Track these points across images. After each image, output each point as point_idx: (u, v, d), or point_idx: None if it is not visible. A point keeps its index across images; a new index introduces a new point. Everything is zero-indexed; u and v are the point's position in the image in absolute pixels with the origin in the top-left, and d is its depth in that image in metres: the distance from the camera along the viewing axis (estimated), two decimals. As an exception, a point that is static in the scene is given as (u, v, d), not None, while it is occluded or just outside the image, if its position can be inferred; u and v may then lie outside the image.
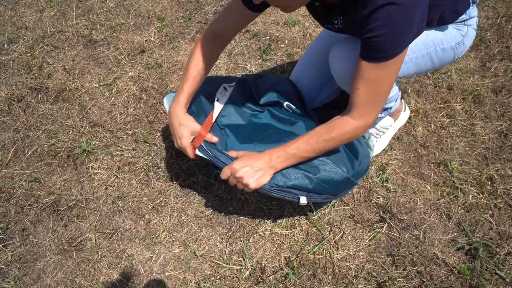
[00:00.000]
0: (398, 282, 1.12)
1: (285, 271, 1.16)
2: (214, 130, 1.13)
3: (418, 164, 1.39)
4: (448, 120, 1.50)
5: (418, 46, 1.07)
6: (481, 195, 1.29)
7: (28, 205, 1.37)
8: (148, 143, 1.51)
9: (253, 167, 0.98)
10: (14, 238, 1.30)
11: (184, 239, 1.26)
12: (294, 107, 1.22)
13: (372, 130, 1.38)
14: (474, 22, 1.10)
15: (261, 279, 1.15)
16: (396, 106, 1.28)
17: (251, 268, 1.18)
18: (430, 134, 1.46)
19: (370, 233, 1.23)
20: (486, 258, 1.14)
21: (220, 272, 1.18)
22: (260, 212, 1.31)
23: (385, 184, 1.33)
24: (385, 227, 1.24)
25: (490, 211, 1.25)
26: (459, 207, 1.26)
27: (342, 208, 1.30)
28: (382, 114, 1.30)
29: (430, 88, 1.61)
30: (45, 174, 1.45)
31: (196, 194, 1.37)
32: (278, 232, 1.26)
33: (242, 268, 1.19)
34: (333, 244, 1.22)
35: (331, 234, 1.23)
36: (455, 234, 1.21)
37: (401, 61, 0.88)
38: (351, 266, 1.17)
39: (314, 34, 1.88)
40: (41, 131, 1.59)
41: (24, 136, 1.58)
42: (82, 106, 1.66)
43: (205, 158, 1.07)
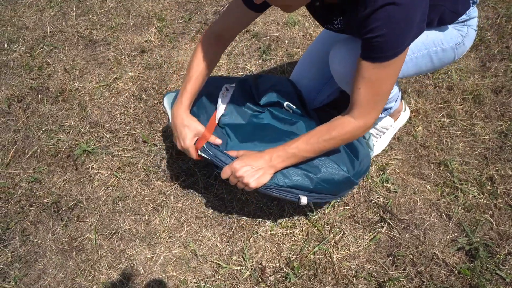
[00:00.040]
0: (398, 282, 1.12)
1: (285, 271, 1.16)
2: (215, 129, 1.13)
3: (418, 164, 1.39)
4: (448, 120, 1.50)
5: (418, 46, 1.07)
6: (481, 195, 1.29)
7: (28, 205, 1.37)
8: (148, 144, 1.51)
9: (253, 167, 0.98)
10: (14, 239, 1.30)
11: (184, 240, 1.26)
12: (294, 107, 1.22)
13: (372, 130, 1.38)
14: (474, 22, 1.10)
15: (261, 279, 1.15)
16: (396, 106, 1.28)
17: (251, 268, 1.18)
18: (430, 134, 1.46)
19: (371, 233, 1.23)
20: (487, 258, 1.14)
21: (220, 272, 1.18)
22: (260, 212, 1.31)
23: (385, 184, 1.33)
24: (385, 227, 1.24)
25: (490, 211, 1.25)
26: (459, 207, 1.26)
27: (342, 208, 1.30)
28: (382, 114, 1.30)
29: (430, 88, 1.61)
30: (45, 175, 1.46)
31: (196, 194, 1.37)
32: (279, 232, 1.26)
33: (242, 268, 1.19)
34: (333, 244, 1.22)
35: (332, 234, 1.23)
36: (456, 234, 1.21)
37: (401, 61, 0.88)
38: (352, 266, 1.17)
39: (314, 34, 1.88)
40: (41, 132, 1.59)
41: (24, 136, 1.58)
42: (82, 106, 1.66)
43: (206, 158, 1.07)
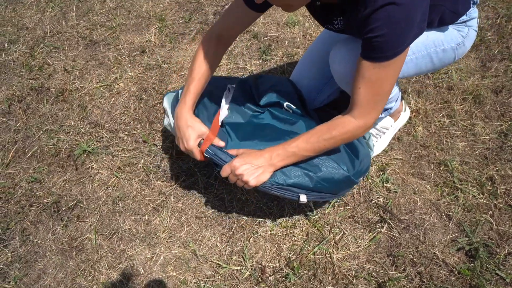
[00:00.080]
0: (398, 283, 1.12)
1: (285, 272, 1.16)
2: (210, 122, 1.13)
3: (418, 164, 1.39)
4: (448, 120, 1.50)
5: (418, 46, 1.07)
6: (481, 196, 1.29)
7: (28, 205, 1.37)
8: (148, 144, 1.51)
9: (253, 165, 0.98)
10: (14, 239, 1.30)
11: (184, 240, 1.26)
12: (294, 107, 1.22)
13: (372, 131, 1.38)
14: (474, 23, 1.10)
15: (261, 280, 1.15)
16: (396, 106, 1.28)
17: (251, 268, 1.18)
18: (430, 135, 1.46)
19: (370, 233, 1.23)
20: (486, 259, 1.14)
21: (220, 272, 1.18)
22: (260, 212, 1.31)
23: (385, 184, 1.33)
24: (385, 228, 1.24)
25: (490, 212, 1.25)
26: (459, 208, 1.26)
27: (342, 208, 1.30)
28: (382, 115, 1.30)
29: (431, 88, 1.61)
30: (45, 175, 1.46)
31: (196, 194, 1.37)
32: (278, 232, 1.26)
33: (242, 268, 1.19)
34: (333, 244, 1.22)
35: (331, 235, 1.23)
36: (455, 234, 1.21)
37: (402, 61, 0.88)
38: (351, 267, 1.17)
39: (314, 34, 1.88)
40: (41, 132, 1.59)
41: (24, 136, 1.58)
42: (82, 106, 1.67)
43: (208, 157, 1.07)
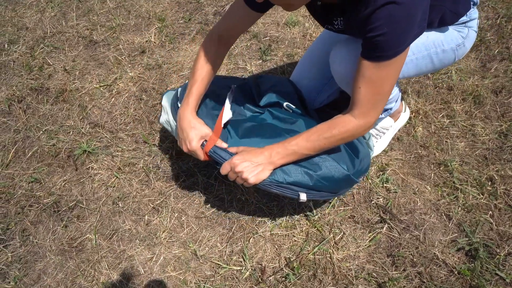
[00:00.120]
0: (398, 283, 1.12)
1: (285, 272, 1.17)
2: (214, 123, 1.13)
3: (418, 164, 1.39)
4: (448, 120, 1.50)
5: (418, 47, 1.07)
6: (481, 196, 1.29)
7: (28, 205, 1.37)
8: (148, 144, 1.51)
9: (253, 162, 0.98)
10: (14, 239, 1.30)
11: (184, 240, 1.26)
12: (294, 107, 1.22)
13: (372, 131, 1.38)
14: (474, 24, 1.10)
15: (261, 280, 1.15)
16: (396, 107, 1.28)
17: (251, 268, 1.18)
18: (430, 135, 1.46)
19: (370, 233, 1.23)
20: (486, 259, 1.14)
21: (220, 272, 1.18)
22: (260, 212, 1.31)
23: (385, 184, 1.33)
24: (385, 228, 1.24)
25: (490, 212, 1.25)
26: (459, 208, 1.26)
27: (342, 208, 1.30)
28: (382, 115, 1.30)
29: (430, 88, 1.61)
30: (45, 175, 1.46)
31: (196, 194, 1.37)
32: (278, 232, 1.26)
33: (242, 268, 1.19)
34: (333, 244, 1.22)
35: (331, 235, 1.23)
36: (455, 234, 1.21)
37: (402, 60, 0.88)
38: (351, 267, 1.17)
39: (314, 34, 1.88)
40: (41, 132, 1.59)
41: (24, 136, 1.58)
42: (82, 106, 1.67)
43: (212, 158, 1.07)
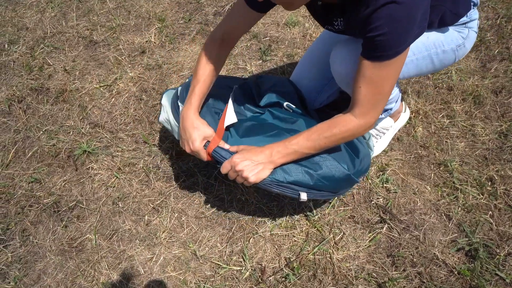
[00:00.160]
0: (398, 283, 1.12)
1: (285, 272, 1.17)
2: (215, 123, 1.13)
3: (418, 164, 1.39)
4: (448, 120, 1.50)
5: (419, 47, 1.07)
6: (481, 196, 1.29)
7: (28, 205, 1.37)
8: (148, 144, 1.51)
9: (253, 161, 0.98)
10: (14, 239, 1.30)
11: (184, 240, 1.26)
12: (294, 107, 1.22)
13: (372, 131, 1.38)
14: (475, 24, 1.10)
15: (261, 280, 1.15)
16: (396, 107, 1.28)
17: (251, 268, 1.18)
18: (430, 135, 1.46)
19: (370, 233, 1.23)
20: (486, 259, 1.14)
21: (220, 272, 1.18)
22: (260, 213, 1.31)
23: (385, 184, 1.33)
24: (385, 228, 1.24)
25: (490, 212, 1.25)
26: (459, 208, 1.27)
27: (342, 209, 1.30)
28: (382, 115, 1.30)
29: (430, 89, 1.61)
30: (45, 175, 1.46)
31: (196, 194, 1.37)
32: (278, 233, 1.26)
33: (242, 268, 1.19)
34: (333, 244, 1.22)
35: (331, 235, 1.23)
36: (455, 234, 1.21)
37: (402, 60, 0.88)
38: (351, 267, 1.17)
39: (314, 35, 1.88)
40: (41, 132, 1.59)
41: (24, 137, 1.58)
42: (82, 107, 1.67)
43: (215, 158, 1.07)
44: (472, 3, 1.06)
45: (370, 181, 1.35)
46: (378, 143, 1.39)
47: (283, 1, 0.84)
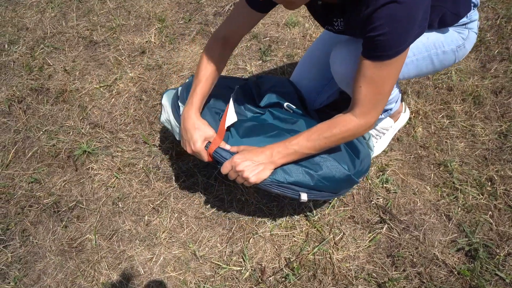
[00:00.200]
0: (398, 283, 1.12)
1: (285, 272, 1.17)
2: (216, 123, 1.13)
3: (418, 165, 1.39)
4: (448, 121, 1.50)
5: (419, 48, 1.07)
6: (481, 196, 1.29)
7: (28, 206, 1.37)
8: (148, 144, 1.51)
9: (253, 161, 0.98)
10: (14, 239, 1.30)
11: (184, 240, 1.26)
12: (294, 107, 1.22)
13: (372, 131, 1.38)
14: (475, 25, 1.11)
15: (261, 280, 1.16)
16: (396, 107, 1.28)
17: (251, 269, 1.18)
18: (430, 135, 1.47)
19: (370, 234, 1.24)
20: (486, 259, 1.14)
21: (220, 273, 1.18)
22: (260, 213, 1.31)
23: (385, 185, 1.33)
24: (385, 228, 1.24)
25: (490, 212, 1.25)
26: (459, 208, 1.27)
27: (342, 209, 1.30)
28: (382, 115, 1.30)
29: (430, 89, 1.61)
30: (45, 175, 1.46)
31: (196, 195, 1.37)
32: (278, 233, 1.26)
33: (242, 269, 1.19)
34: (333, 245, 1.22)
35: (331, 235, 1.23)
36: (455, 235, 1.21)
37: (402, 60, 0.88)
38: (351, 267, 1.17)
39: (314, 35, 1.88)
40: (41, 132, 1.59)
41: (24, 137, 1.58)
42: (82, 107, 1.67)
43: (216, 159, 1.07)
44: (472, 4, 1.06)
45: (370, 181, 1.35)
46: (378, 144, 1.39)
47: None
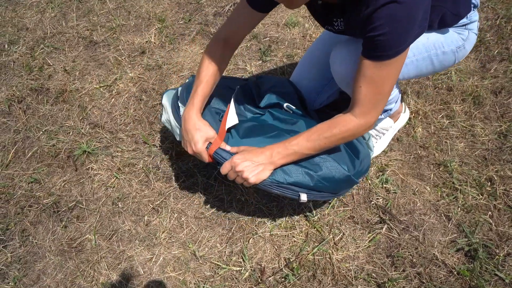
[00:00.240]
0: (397, 283, 1.12)
1: (284, 272, 1.17)
2: (216, 123, 1.13)
3: (417, 165, 1.39)
4: (447, 121, 1.50)
5: (419, 48, 1.08)
6: (480, 196, 1.29)
7: (28, 206, 1.37)
8: (148, 144, 1.51)
9: (253, 162, 0.98)
10: (14, 239, 1.30)
11: (184, 240, 1.26)
12: (294, 108, 1.22)
13: (372, 131, 1.38)
14: (475, 26, 1.11)
15: (260, 280, 1.16)
16: (396, 107, 1.28)
17: (251, 269, 1.18)
18: (429, 135, 1.47)
19: (370, 234, 1.24)
20: (486, 259, 1.14)
21: (219, 273, 1.18)
22: (260, 213, 1.31)
23: (384, 185, 1.33)
24: (384, 228, 1.24)
25: (490, 212, 1.25)
26: (459, 208, 1.27)
27: (341, 209, 1.30)
28: (382, 116, 1.30)
29: (430, 89, 1.61)
30: (45, 175, 1.46)
31: (196, 195, 1.37)
32: (278, 233, 1.26)
33: (241, 269, 1.19)
34: (332, 245, 1.22)
35: (331, 235, 1.23)
36: (455, 235, 1.21)
37: (402, 60, 0.88)
38: (351, 267, 1.17)
39: (314, 35, 1.88)
40: (41, 132, 1.59)
41: (24, 137, 1.58)
42: (82, 107, 1.67)
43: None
44: (472, 5, 1.06)
45: (369, 181, 1.35)
46: (378, 144, 1.39)
47: None
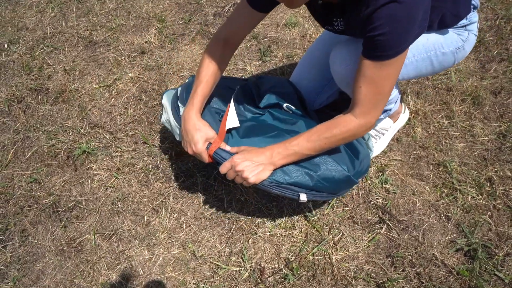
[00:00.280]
0: (397, 283, 1.12)
1: (284, 272, 1.17)
2: (216, 123, 1.13)
3: (417, 165, 1.39)
4: (447, 121, 1.50)
5: (419, 49, 1.08)
6: (480, 196, 1.29)
7: (27, 206, 1.37)
8: (147, 144, 1.51)
9: (253, 162, 0.98)
10: (13, 239, 1.30)
11: (183, 240, 1.26)
12: (294, 108, 1.22)
13: (371, 132, 1.38)
14: (474, 27, 1.11)
15: (260, 280, 1.16)
16: (395, 108, 1.28)
17: (251, 269, 1.18)
18: (429, 136, 1.47)
19: (369, 234, 1.24)
20: (485, 259, 1.14)
21: (219, 273, 1.18)
22: (259, 213, 1.31)
23: (384, 185, 1.34)
24: (384, 228, 1.24)
25: (489, 212, 1.25)
26: (458, 208, 1.27)
27: (341, 209, 1.30)
28: (381, 116, 1.30)
29: (430, 89, 1.61)
30: (44, 175, 1.46)
31: (195, 195, 1.37)
32: (278, 233, 1.26)
33: (241, 269, 1.19)
34: (332, 245, 1.22)
35: (330, 235, 1.23)
36: (454, 235, 1.21)
37: (402, 60, 0.88)
38: (350, 267, 1.17)
39: (313, 35, 1.88)
40: (41, 132, 1.59)
41: (24, 137, 1.58)
42: (82, 107, 1.67)
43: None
44: (472, 6, 1.06)
45: (369, 181, 1.35)
46: (378, 144, 1.39)
47: None
